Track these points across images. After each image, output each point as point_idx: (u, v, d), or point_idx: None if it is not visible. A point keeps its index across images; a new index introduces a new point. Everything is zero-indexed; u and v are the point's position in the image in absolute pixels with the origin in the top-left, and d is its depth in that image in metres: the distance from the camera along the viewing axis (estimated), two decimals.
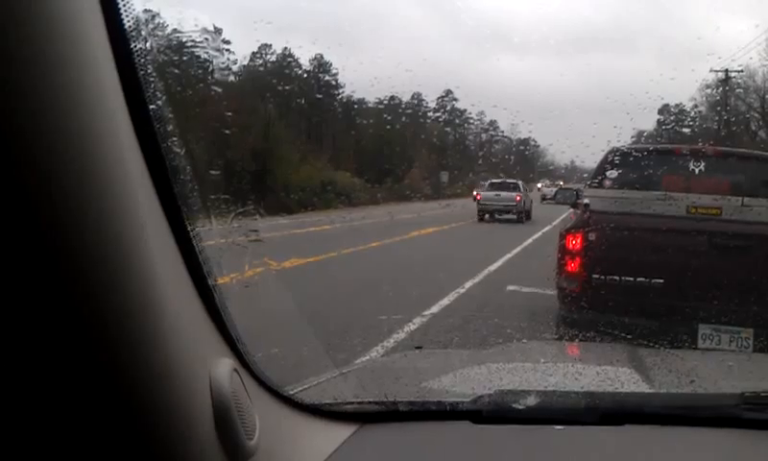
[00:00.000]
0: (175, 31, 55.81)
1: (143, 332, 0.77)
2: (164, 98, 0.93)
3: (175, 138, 0.96)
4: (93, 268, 0.71)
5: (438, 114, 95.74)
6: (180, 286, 0.90)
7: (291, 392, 1.43)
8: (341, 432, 1.46)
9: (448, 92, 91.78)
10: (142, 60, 0.85)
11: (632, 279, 5.77)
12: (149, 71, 0.87)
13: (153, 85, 0.88)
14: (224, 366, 0.96)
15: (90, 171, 0.71)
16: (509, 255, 15.75)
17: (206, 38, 64.61)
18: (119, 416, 0.77)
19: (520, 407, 1.54)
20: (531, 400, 1.55)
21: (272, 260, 11.25)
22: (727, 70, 45.58)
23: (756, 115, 53.90)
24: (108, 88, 0.77)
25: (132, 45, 0.82)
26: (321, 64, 73.05)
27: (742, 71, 48.05)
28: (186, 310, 0.90)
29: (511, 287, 11.10)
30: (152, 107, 0.86)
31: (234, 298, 1.30)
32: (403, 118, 74.57)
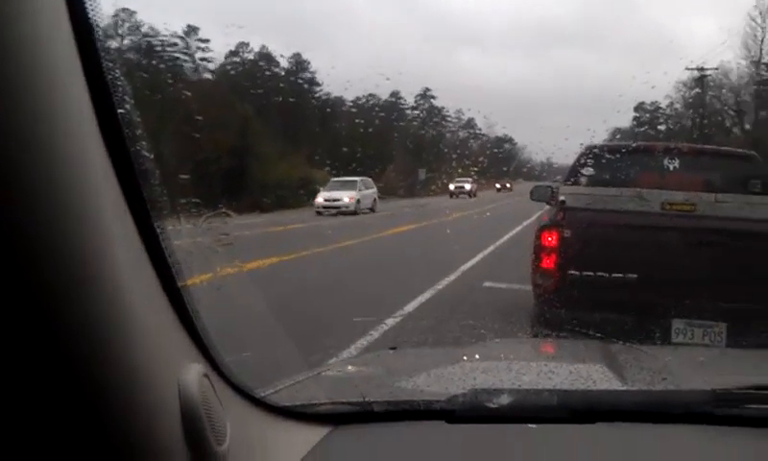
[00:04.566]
0: (152, 29, 55.60)
1: (107, 339, 0.76)
2: (132, 102, 0.92)
3: (144, 142, 0.95)
4: (55, 273, 0.71)
5: (416, 112, 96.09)
6: (148, 290, 0.89)
7: (263, 394, 1.42)
8: (314, 434, 1.46)
9: (426, 90, 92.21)
10: (110, 64, 0.84)
11: (606, 275, 5.81)
12: (117, 76, 0.86)
13: (121, 89, 0.88)
14: (193, 371, 0.95)
15: (52, 175, 0.70)
16: (486, 252, 15.78)
17: (183, 37, 64.47)
18: (82, 426, 0.77)
19: (494, 406, 1.54)
20: (504, 399, 1.55)
21: (245, 260, 11.23)
22: (702, 68, 46.09)
23: (731, 113, 54.51)
24: (74, 90, 0.76)
25: (99, 45, 0.81)
26: (298, 63, 72.96)
27: (717, 69, 48.66)
28: (154, 315, 0.89)
29: (487, 284, 11.13)
30: (120, 111, 0.86)
31: (206, 300, 1.30)
32: (381, 115, 74.66)
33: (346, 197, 33.34)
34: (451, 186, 54.44)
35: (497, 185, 69.97)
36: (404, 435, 1.54)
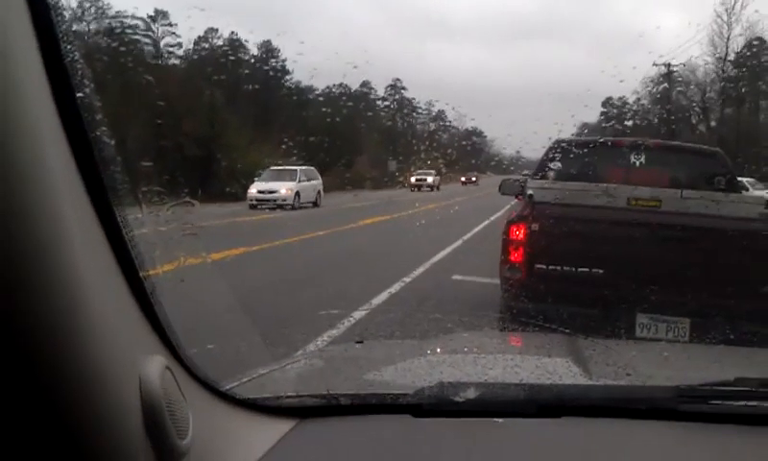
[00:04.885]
0: (118, 13, 54.91)
1: (63, 332, 0.74)
2: (92, 86, 0.90)
3: (104, 128, 0.93)
4: (5, 263, 0.68)
5: (387, 103, 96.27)
6: (108, 281, 0.87)
7: (227, 387, 1.41)
8: (279, 427, 1.44)
9: (396, 81, 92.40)
10: (69, 47, 0.81)
11: (573, 269, 5.85)
12: (76, 57, 0.84)
13: (80, 72, 0.85)
14: (155, 364, 0.93)
15: (4, 159, 0.67)
16: (457, 243, 15.86)
17: (150, 21, 63.78)
18: (39, 421, 0.74)
19: (460, 400, 1.54)
20: (471, 393, 1.55)
21: (211, 251, 11.08)
22: (669, 64, 46.69)
23: (697, 109, 55.29)
24: (30, 73, 0.73)
25: (58, 27, 0.78)
26: (268, 50, 72.52)
27: (684, 65, 49.32)
28: (114, 306, 0.87)
29: (456, 276, 11.19)
30: (79, 94, 0.83)
31: (170, 292, 1.27)
32: (351, 104, 74.51)
33: (283, 189, 28.93)
34: (412, 179, 50.99)
35: (462, 179, 66.30)
36: (370, 429, 1.53)
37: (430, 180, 51.37)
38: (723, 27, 52.29)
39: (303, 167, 31.40)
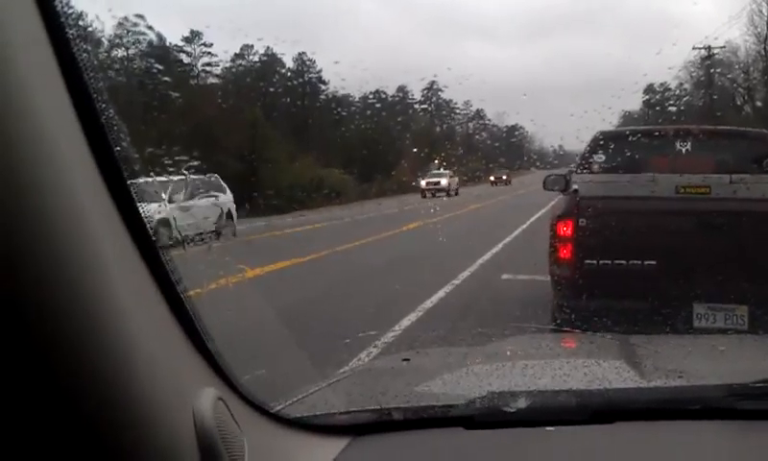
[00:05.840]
0: (154, 38, 55.94)
1: (113, 375, 0.72)
2: (110, 103, 0.87)
3: (134, 151, 0.91)
4: (44, 302, 0.66)
5: (424, 106, 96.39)
6: (152, 313, 0.86)
7: (279, 408, 1.41)
8: (333, 446, 1.43)
9: (433, 83, 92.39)
10: (93, 76, 0.79)
11: (624, 262, 5.76)
12: (96, 80, 0.82)
13: (101, 92, 0.83)
14: (206, 397, 0.92)
15: (35, 191, 0.66)
16: (506, 241, 15.74)
17: (187, 43, 64.78)
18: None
19: (511, 410, 1.52)
20: (522, 403, 1.53)
21: (258, 264, 10.99)
22: (709, 47, 45.79)
23: (741, 90, 54.16)
24: (54, 94, 0.72)
25: (80, 58, 0.77)
26: (303, 63, 73.11)
27: (725, 47, 48.33)
28: (162, 340, 0.86)
29: (506, 275, 11.16)
30: (103, 115, 0.81)
31: (214, 312, 1.26)
32: (389, 110, 74.72)
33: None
34: (423, 183, 42.86)
35: (491, 178, 59.19)
36: (424, 444, 1.52)
37: (444, 182, 43.07)
38: (762, 5, 51.05)
39: (192, 177, 18.43)
